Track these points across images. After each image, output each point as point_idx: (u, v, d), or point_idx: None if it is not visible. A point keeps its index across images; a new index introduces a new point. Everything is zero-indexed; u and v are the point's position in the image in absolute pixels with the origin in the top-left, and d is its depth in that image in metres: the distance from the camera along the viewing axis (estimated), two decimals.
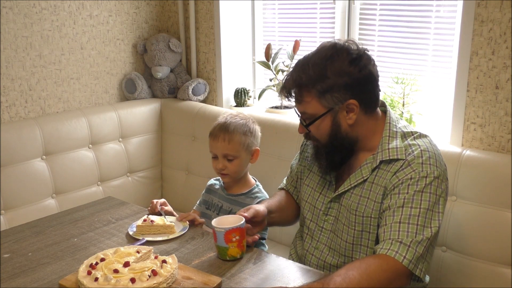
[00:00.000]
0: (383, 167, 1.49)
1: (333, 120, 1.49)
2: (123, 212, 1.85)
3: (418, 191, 1.41)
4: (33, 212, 2.30)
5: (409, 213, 1.39)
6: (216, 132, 1.82)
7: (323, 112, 1.48)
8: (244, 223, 1.47)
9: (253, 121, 1.88)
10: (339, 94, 1.46)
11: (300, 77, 1.47)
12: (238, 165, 1.81)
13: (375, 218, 1.48)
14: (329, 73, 1.44)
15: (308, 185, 1.68)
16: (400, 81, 2.18)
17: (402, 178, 1.44)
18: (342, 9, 2.43)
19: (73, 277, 1.36)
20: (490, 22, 1.87)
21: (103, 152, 2.63)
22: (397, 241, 1.36)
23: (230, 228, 1.44)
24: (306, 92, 1.47)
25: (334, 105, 1.47)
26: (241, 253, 1.48)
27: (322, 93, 1.46)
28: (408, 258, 1.34)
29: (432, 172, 1.43)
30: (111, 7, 2.77)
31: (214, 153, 1.83)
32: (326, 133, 1.51)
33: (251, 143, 1.83)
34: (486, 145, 1.96)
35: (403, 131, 1.53)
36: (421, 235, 1.36)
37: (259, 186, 1.91)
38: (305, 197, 1.68)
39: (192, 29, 2.86)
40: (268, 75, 2.75)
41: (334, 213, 1.58)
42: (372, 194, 1.49)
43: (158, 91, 2.89)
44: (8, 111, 2.45)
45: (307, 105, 1.49)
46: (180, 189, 2.78)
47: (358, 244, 1.53)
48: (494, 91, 1.91)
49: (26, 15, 2.44)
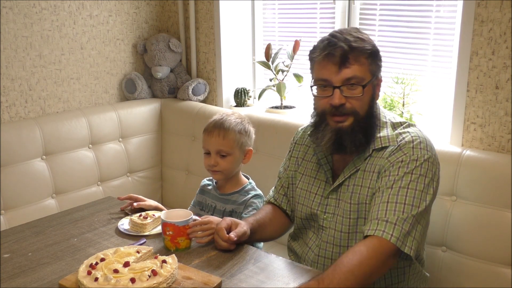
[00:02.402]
0: (374, 155, 1.51)
1: (373, 89, 1.50)
2: (123, 212, 1.85)
3: (407, 173, 1.43)
4: (33, 212, 2.30)
5: (397, 193, 1.41)
6: (211, 128, 1.81)
7: (370, 77, 1.47)
8: (183, 222, 1.52)
9: (248, 121, 1.88)
10: (379, 63, 1.50)
11: (354, 40, 1.45)
12: (230, 162, 1.79)
13: (370, 204, 1.49)
14: (370, 42, 1.49)
15: (302, 188, 1.67)
16: (400, 81, 2.18)
17: (393, 161, 1.46)
18: (342, 9, 2.43)
19: (73, 277, 1.35)
20: (490, 22, 1.87)
21: (103, 152, 2.63)
22: (383, 220, 1.38)
23: (165, 222, 1.53)
24: (361, 54, 1.45)
25: (377, 72, 1.49)
26: (174, 248, 1.53)
27: (372, 57, 1.47)
28: (395, 235, 1.36)
29: (423, 155, 1.45)
30: (111, 7, 2.77)
31: (207, 149, 1.81)
32: (367, 103, 1.49)
33: (245, 142, 1.82)
34: (486, 145, 1.96)
35: (392, 121, 1.55)
36: (407, 213, 1.39)
37: (252, 183, 1.89)
38: (301, 200, 1.67)
39: (192, 29, 2.86)
40: (268, 75, 2.74)
41: (331, 210, 1.59)
42: (364, 181, 1.51)
43: (158, 91, 2.89)
44: (8, 111, 2.45)
45: (360, 68, 1.45)
46: (180, 189, 2.78)
47: (353, 232, 1.54)
48: (494, 91, 1.91)
49: (26, 15, 2.44)
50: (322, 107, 1.51)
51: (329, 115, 1.50)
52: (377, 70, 1.51)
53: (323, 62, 1.47)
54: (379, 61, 1.51)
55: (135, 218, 1.68)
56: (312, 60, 1.53)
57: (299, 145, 1.74)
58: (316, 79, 1.51)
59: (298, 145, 1.74)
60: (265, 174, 2.22)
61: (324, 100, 1.49)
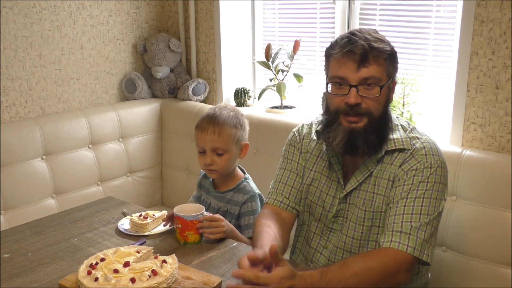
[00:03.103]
0: (385, 160, 1.49)
1: (388, 91, 1.48)
2: (123, 212, 1.85)
3: (422, 182, 1.42)
4: (33, 212, 2.30)
5: (412, 203, 1.40)
6: (205, 125, 1.68)
7: (387, 79, 1.45)
8: (192, 216, 1.54)
9: (241, 113, 1.77)
10: (396, 65, 1.49)
11: (374, 40, 1.43)
12: (227, 160, 1.69)
13: (385, 212, 1.48)
14: (389, 43, 1.48)
15: (313, 185, 1.61)
16: (400, 81, 2.18)
17: (407, 169, 1.45)
18: (342, 9, 2.43)
19: (73, 277, 1.35)
20: (490, 22, 1.87)
21: (103, 152, 2.63)
22: (397, 232, 1.37)
23: (175, 215, 1.56)
24: (380, 55, 1.43)
25: (393, 75, 1.48)
26: (183, 241, 1.56)
27: (391, 59, 1.46)
28: (411, 245, 1.34)
29: (436, 162, 1.44)
30: (111, 7, 2.77)
31: (202, 147, 1.70)
32: (382, 104, 1.46)
33: (241, 136, 1.72)
34: (486, 145, 1.96)
35: (402, 124, 1.54)
36: (421, 221, 1.38)
37: (248, 178, 1.79)
38: (310, 197, 1.62)
39: (192, 29, 2.86)
40: (268, 75, 2.74)
41: (343, 213, 1.56)
42: (378, 188, 1.49)
43: (158, 91, 2.89)
44: (8, 111, 2.45)
45: (379, 69, 1.42)
46: (180, 189, 2.78)
47: (366, 240, 1.52)
48: (494, 91, 1.91)
49: (26, 15, 2.44)
50: (336, 106, 1.46)
51: (343, 114, 1.45)
52: (394, 72, 1.49)
53: (342, 59, 1.42)
54: (396, 64, 1.49)
55: (135, 218, 1.68)
56: (330, 57, 1.47)
57: (307, 140, 1.66)
58: (333, 76, 1.46)
59: (305, 140, 1.66)
60: (265, 174, 2.22)
61: (339, 99, 1.44)
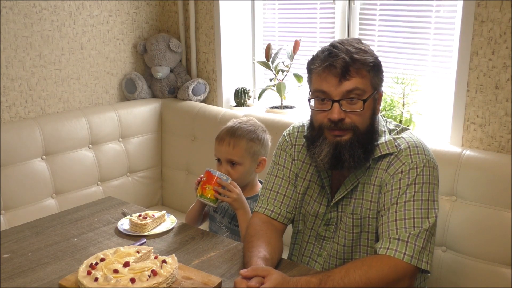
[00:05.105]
0: (373, 165, 1.47)
1: (373, 104, 1.44)
2: (123, 212, 1.85)
3: (410, 184, 1.39)
4: (33, 212, 2.30)
5: (403, 208, 1.38)
6: (222, 136, 1.76)
7: (371, 91, 1.41)
8: (218, 173, 1.67)
9: (263, 129, 1.81)
10: (381, 76, 1.46)
11: (356, 52, 1.39)
12: (241, 173, 1.74)
13: (373, 218, 1.47)
14: (372, 54, 1.44)
15: (307, 194, 1.60)
16: (400, 81, 2.18)
17: (393, 173, 1.43)
18: (342, 9, 2.43)
19: (73, 277, 1.35)
20: (490, 22, 1.87)
21: (103, 152, 2.63)
22: (395, 239, 1.35)
23: (207, 170, 1.70)
24: (363, 66, 1.39)
25: (378, 86, 1.44)
26: (200, 193, 1.68)
27: (375, 70, 1.42)
28: (408, 254, 1.32)
29: (421, 161, 1.42)
30: (111, 7, 2.77)
31: (218, 157, 1.77)
32: (367, 117, 1.42)
33: (258, 151, 1.76)
34: (486, 145, 1.96)
35: (388, 128, 1.52)
36: (418, 228, 1.35)
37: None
38: (305, 206, 1.61)
39: (192, 29, 2.86)
40: (268, 75, 2.75)
41: (334, 222, 1.56)
42: (366, 194, 1.48)
43: (158, 91, 2.89)
44: (8, 111, 2.45)
45: (362, 81, 1.39)
46: (180, 189, 2.78)
47: (357, 245, 1.52)
48: (494, 91, 1.91)
49: (26, 15, 2.44)
50: (320, 121, 1.43)
51: (327, 129, 1.43)
52: (379, 83, 1.45)
53: (323, 73, 1.40)
54: (381, 74, 1.45)
55: (134, 218, 1.67)
56: (311, 71, 1.45)
57: (299, 145, 1.63)
58: (315, 91, 1.43)
59: (297, 146, 1.63)
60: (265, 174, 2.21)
61: (323, 114, 1.42)
